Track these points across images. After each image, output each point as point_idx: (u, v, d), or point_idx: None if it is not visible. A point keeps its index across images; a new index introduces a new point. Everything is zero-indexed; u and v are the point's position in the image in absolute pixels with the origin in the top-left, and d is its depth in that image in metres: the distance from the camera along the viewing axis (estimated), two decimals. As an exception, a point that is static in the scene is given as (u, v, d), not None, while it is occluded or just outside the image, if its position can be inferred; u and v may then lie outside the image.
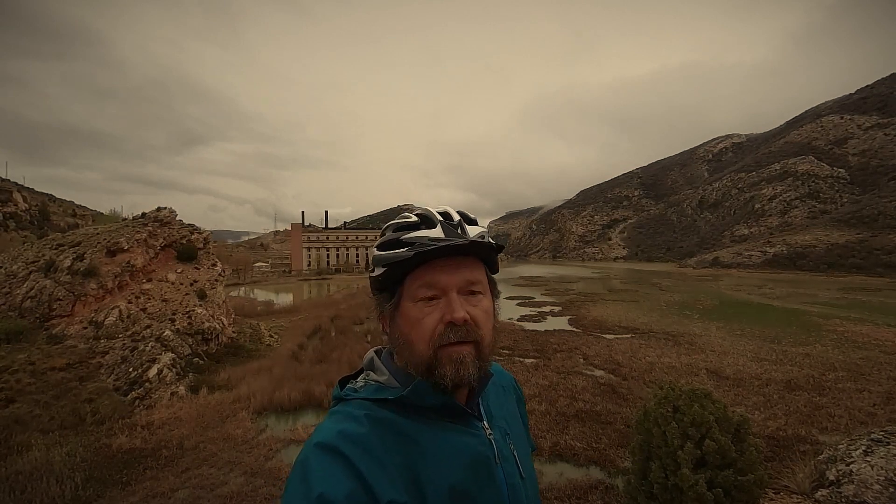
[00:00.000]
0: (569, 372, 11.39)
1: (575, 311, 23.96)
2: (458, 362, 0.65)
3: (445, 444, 0.66)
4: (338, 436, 0.61)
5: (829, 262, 56.19)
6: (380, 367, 0.74)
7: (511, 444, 0.76)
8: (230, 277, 37.96)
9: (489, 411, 0.77)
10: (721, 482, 2.86)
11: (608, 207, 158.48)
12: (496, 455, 0.70)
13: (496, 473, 0.69)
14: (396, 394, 0.67)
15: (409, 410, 0.67)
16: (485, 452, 0.69)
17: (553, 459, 6.87)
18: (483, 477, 0.67)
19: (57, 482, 6.21)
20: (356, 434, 0.62)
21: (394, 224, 0.74)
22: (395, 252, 0.69)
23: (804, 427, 7.68)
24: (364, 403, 0.68)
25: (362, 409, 0.67)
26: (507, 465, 0.71)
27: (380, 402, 0.68)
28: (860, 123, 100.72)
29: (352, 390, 0.72)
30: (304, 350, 14.84)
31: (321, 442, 0.61)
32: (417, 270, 0.68)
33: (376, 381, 0.72)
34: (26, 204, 46.01)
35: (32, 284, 12.85)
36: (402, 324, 0.69)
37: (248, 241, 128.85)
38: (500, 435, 0.74)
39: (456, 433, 0.68)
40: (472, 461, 0.67)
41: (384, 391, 0.69)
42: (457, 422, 0.70)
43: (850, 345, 14.46)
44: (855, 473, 2.33)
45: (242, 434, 8.05)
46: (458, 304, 0.67)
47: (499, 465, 0.70)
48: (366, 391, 0.70)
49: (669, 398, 3.18)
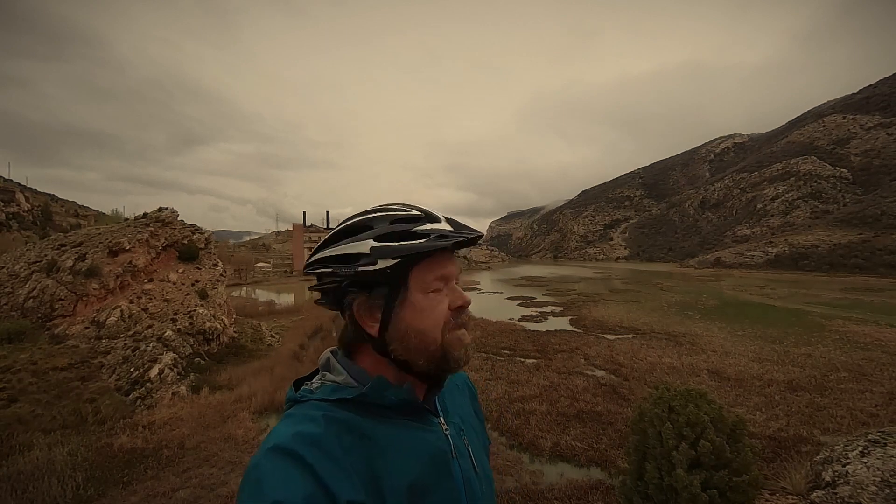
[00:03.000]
0: (570, 372, 11.38)
1: (576, 312, 23.92)
2: (465, 344, 0.70)
3: (404, 441, 0.66)
4: (294, 438, 0.58)
5: (831, 262, 55.99)
6: (336, 368, 0.72)
7: (465, 440, 0.77)
8: (232, 277, 38.03)
9: (444, 407, 0.79)
10: (716, 483, 2.86)
11: (610, 207, 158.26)
12: (452, 450, 0.72)
13: (453, 468, 0.70)
14: (355, 393, 0.66)
15: (367, 409, 0.66)
16: (442, 448, 0.70)
17: (553, 460, 6.88)
18: (441, 472, 0.68)
19: (58, 482, 6.24)
20: (313, 435, 0.60)
21: (390, 216, 0.70)
22: (413, 243, 0.66)
23: (806, 428, 7.66)
24: (320, 404, 0.66)
25: (319, 409, 0.65)
26: (462, 460, 0.73)
27: (337, 403, 0.66)
28: (863, 123, 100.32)
29: (307, 392, 0.70)
30: (305, 350, 14.85)
31: (277, 445, 0.57)
32: (426, 262, 0.68)
33: (333, 381, 0.70)
34: (29, 204, 46.21)
35: (34, 284, 12.92)
36: (412, 316, 0.67)
37: (250, 241, 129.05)
38: (455, 430, 0.76)
39: (414, 430, 0.69)
40: (430, 457, 0.67)
41: (342, 391, 0.68)
42: (414, 418, 0.70)
43: (853, 345, 14.41)
44: (851, 474, 2.33)
45: (244, 434, 8.07)
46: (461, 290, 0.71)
47: (455, 460, 0.71)
48: (322, 392, 0.68)
49: (664, 398, 3.19)
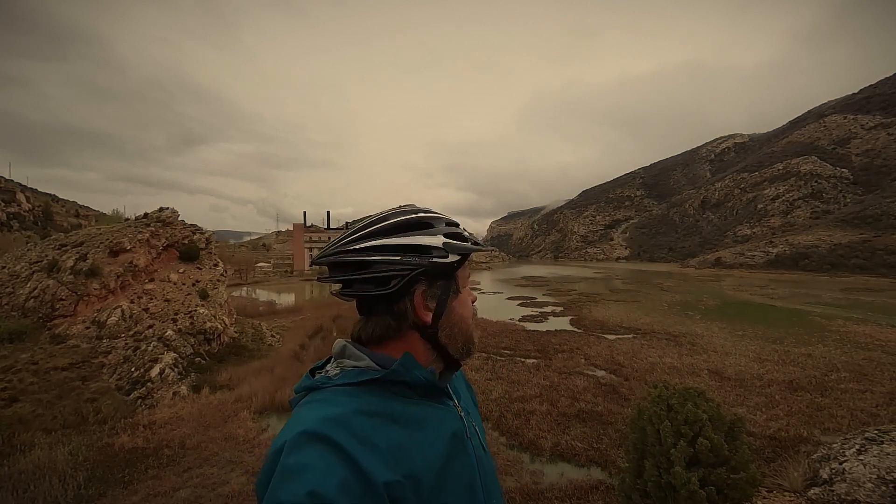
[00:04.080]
0: (570, 372, 11.38)
1: (576, 312, 23.92)
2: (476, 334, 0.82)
3: (430, 420, 0.70)
4: (324, 422, 0.59)
5: (831, 262, 55.95)
6: (355, 354, 0.73)
7: (472, 422, 0.81)
8: (232, 277, 38.07)
9: (456, 391, 0.84)
10: (714, 480, 2.87)
11: (610, 208, 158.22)
12: (466, 430, 0.76)
13: (468, 446, 0.74)
14: (382, 373, 0.68)
15: (392, 391, 0.69)
16: (460, 426, 0.75)
17: (554, 459, 6.88)
18: (459, 450, 0.72)
19: (59, 481, 6.26)
20: (343, 418, 0.60)
21: (443, 218, 0.81)
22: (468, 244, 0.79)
23: (806, 428, 7.66)
24: (345, 389, 0.67)
25: (344, 394, 0.66)
26: (473, 440, 0.77)
27: (362, 385, 0.68)
28: (863, 123, 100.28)
29: (325, 378, 0.71)
30: (305, 350, 14.86)
31: (306, 430, 0.57)
32: (466, 262, 0.80)
33: (355, 366, 0.72)
34: (30, 204, 46.30)
35: (36, 284, 12.94)
36: (460, 307, 0.78)
37: (251, 241, 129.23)
38: (465, 412, 0.80)
39: (436, 409, 0.74)
40: (451, 435, 0.72)
41: (367, 374, 0.69)
42: (434, 400, 0.75)
43: (853, 345, 14.41)
44: (848, 472, 2.34)
45: (244, 434, 8.09)
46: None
47: (468, 440, 0.76)
48: (346, 376, 0.69)
49: (663, 396, 3.20)
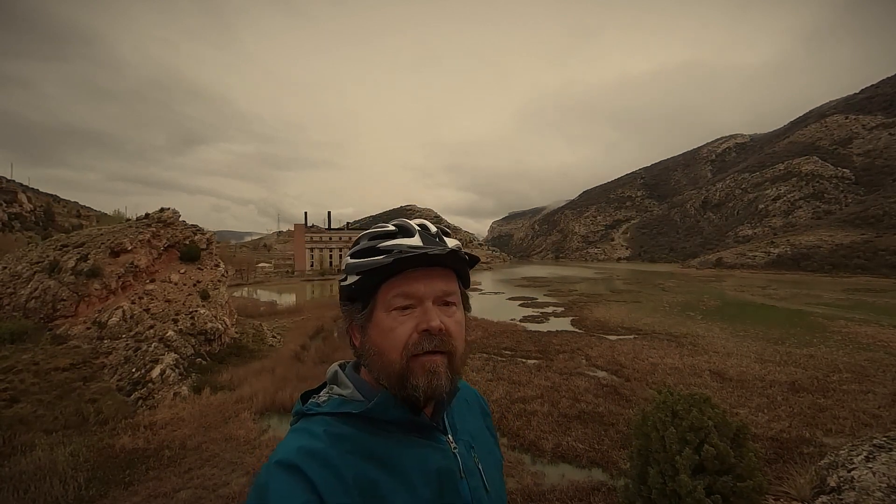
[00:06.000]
0: (571, 373, 11.37)
1: (577, 312, 23.92)
2: (432, 373, 0.64)
3: (409, 458, 0.66)
4: (297, 452, 0.60)
5: (833, 262, 55.90)
6: (343, 381, 0.73)
7: (476, 458, 0.76)
8: (233, 278, 38.09)
9: (453, 425, 0.78)
10: (719, 488, 2.84)
11: (611, 208, 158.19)
12: (461, 469, 0.70)
13: (461, 487, 0.68)
14: (360, 408, 0.66)
15: (372, 425, 0.66)
16: (449, 466, 0.69)
17: (555, 461, 6.87)
18: (448, 491, 0.66)
19: (60, 482, 6.25)
20: (316, 450, 0.61)
21: (369, 233, 0.73)
22: (371, 259, 0.67)
23: (808, 429, 7.65)
24: (325, 419, 0.67)
25: (322, 425, 0.66)
26: (472, 479, 0.71)
27: (342, 417, 0.67)
28: (865, 123, 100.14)
29: (314, 405, 0.70)
30: (306, 350, 14.88)
31: (281, 460, 0.59)
32: (393, 279, 0.67)
33: (340, 394, 0.71)
34: (31, 205, 46.37)
35: (37, 285, 12.94)
36: (374, 334, 0.67)
37: (252, 241, 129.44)
38: (464, 448, 0.74)
39: (420, 447, 0.68)
40: (436, 475, 0.66)
41: (347, 405, 0.68)
42: (421, 436, 0.70)
43: (855, 346, 14.38)
44: (856, 480, 2.31)
45: (245, 434, 8.08)
46: (434, 313, 0.66)
47: (463, 479, 0.70)
48: (328, 405, 0.69)
49: (668, 403, 3.17)
